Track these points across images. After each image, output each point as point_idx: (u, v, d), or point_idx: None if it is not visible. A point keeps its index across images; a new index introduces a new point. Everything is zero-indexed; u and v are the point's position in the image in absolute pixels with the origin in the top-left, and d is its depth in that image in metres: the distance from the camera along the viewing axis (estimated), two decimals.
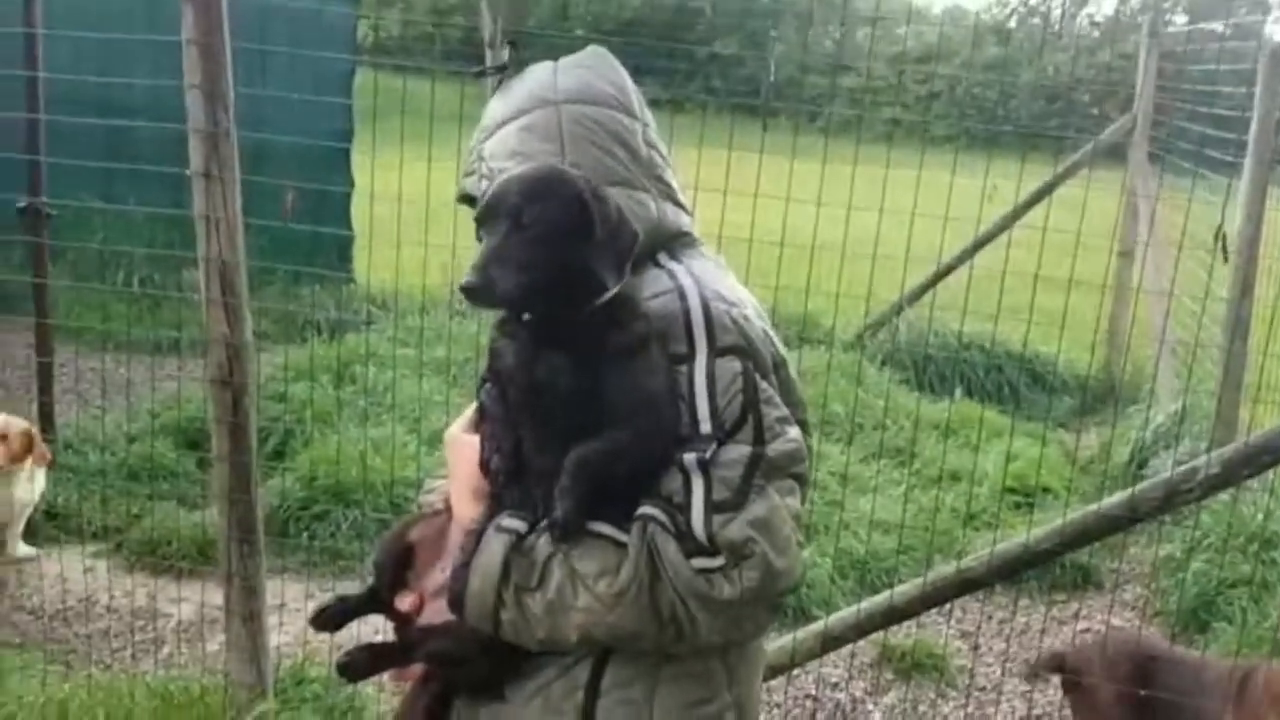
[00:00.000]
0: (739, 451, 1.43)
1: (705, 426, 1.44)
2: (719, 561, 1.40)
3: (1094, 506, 2.71)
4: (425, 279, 4.71)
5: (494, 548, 1.45)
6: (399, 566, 1.61)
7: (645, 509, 1.42)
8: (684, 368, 1.46)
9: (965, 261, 6.64)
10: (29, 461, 4.47)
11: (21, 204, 5.06)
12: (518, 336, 1.45)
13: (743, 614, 1.43)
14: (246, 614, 3.05)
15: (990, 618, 4.46)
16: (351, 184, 7.54)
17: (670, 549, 1.39)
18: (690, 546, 1.40)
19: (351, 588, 4.19)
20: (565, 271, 1.40)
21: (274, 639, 3.38)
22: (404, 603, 1.59)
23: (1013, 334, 6.77)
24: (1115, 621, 4.36)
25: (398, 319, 6.77)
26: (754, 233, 2.89)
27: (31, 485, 4.54)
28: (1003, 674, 4.04)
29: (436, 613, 1.56)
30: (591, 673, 1.49)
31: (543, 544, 1.44)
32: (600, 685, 1.49)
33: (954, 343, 6.72)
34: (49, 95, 4.94)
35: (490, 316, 1.54)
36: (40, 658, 3.61)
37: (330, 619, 1.63)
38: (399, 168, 3.13)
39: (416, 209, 3.34)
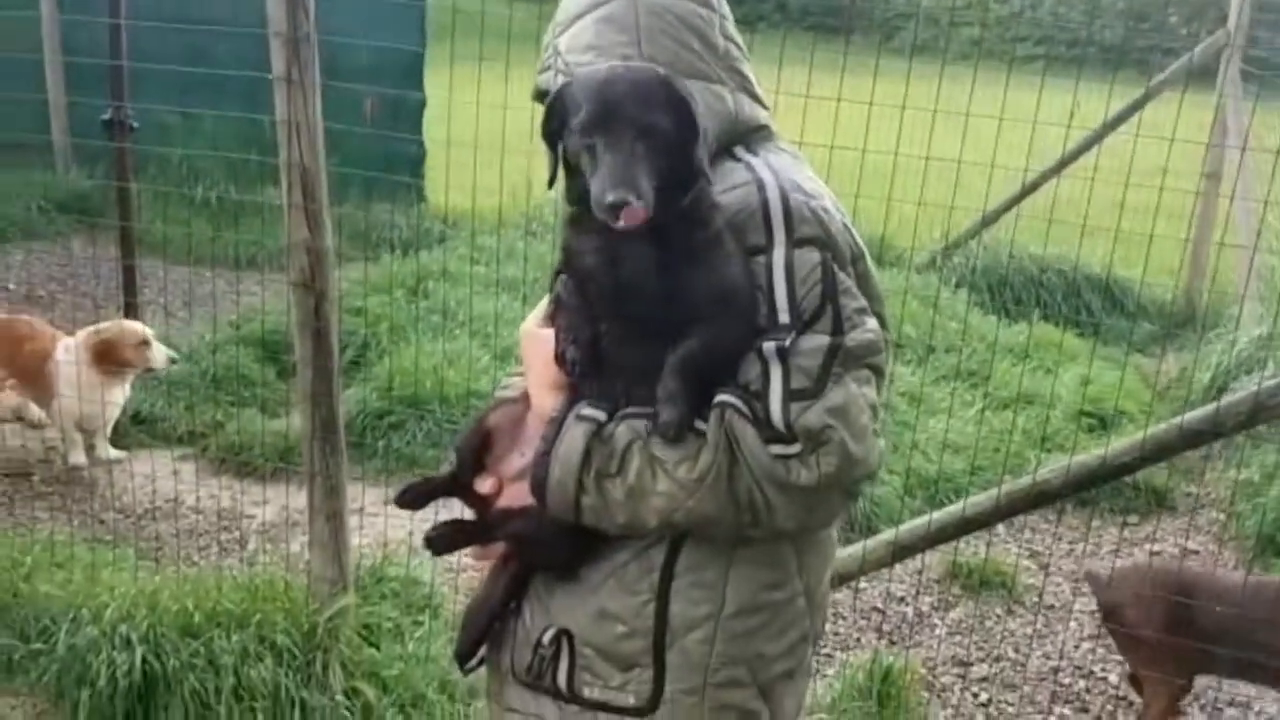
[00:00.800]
0: (817, 341, 1.43)
1: (783, 317, 1.44)
2: (796, 448, 1.41)
3: (1177, 420, 2.67)
4: (500, 200, 4.72)
5: (575, 435, 1.47)
6: (478, 452, 1.65)
7: (723, 396, 1.43)
8: (762, 258, 1.46)
9: (1046, 183, 6.51)
10: None
11: (106, 115, 5.16)
12: (599, 235, 1.44)
13: (818, 500, 1.44)
14: (329, 512, 3.13)
15: (1060, 538, 4.43)
16: (424, 96, 7.55)
17: (748, 435, 1.41)
18: (767, 434, 1.41)
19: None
20: (681, 175, 1.41)
21: (353, 540, 3.48)
22: (484, 486, 1.62)
23: (1091, 257, 6.63)
24: (1189, 545, 4.32)
25: (472, 238, 6.82)
26: (832, 154, 2.84)
27: (124, 389, 4.70)
28: (1072, 594, 4.03)
29: (515, 497, 1.60)
30: (666, 555, 1.52)
31: (622, 431, 1.46)
32: (675, 568, 1.52)
33: (1032, 266, 6.59)
34: (130, 8, 5.00)
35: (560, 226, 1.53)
36: (130, 553, 3.76)
37: (414, 498, 1.68)
38: (476, 86, 3.12)
39: (489, 130, 3.33)
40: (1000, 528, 4.38)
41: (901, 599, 3.98)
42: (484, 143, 3.39)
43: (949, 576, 4.10)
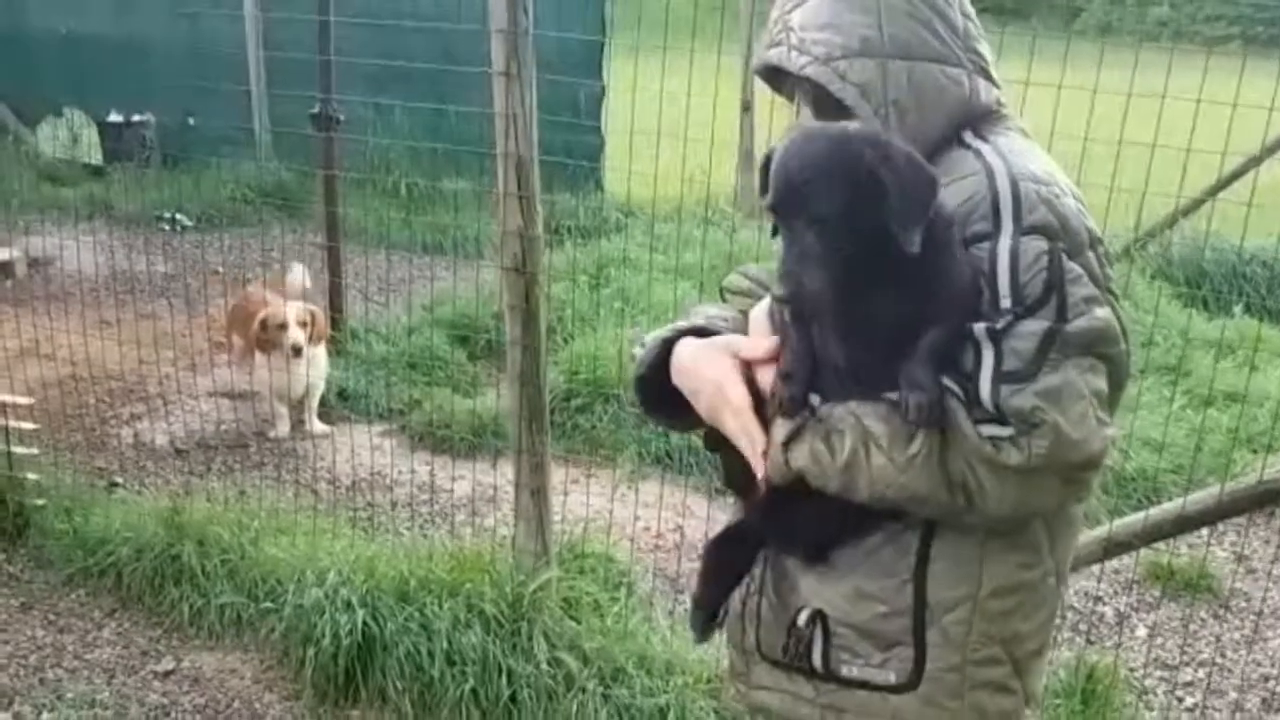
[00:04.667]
0: (1036, 325, 1.42)
1: (1005, 303, 1.43)
2: (1008, 430, 1.41)
3: None
4: (682, 189, 4.79)
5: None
6: None
7: None
8: (986, 244, 1.45)
9: (1247, 172, 6.19)
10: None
11: (314, 109, 5.46)
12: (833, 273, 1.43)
13: (1031, 483, 1.43)
14: (534, 488, 3.25)
15: (1268, 542, 4.24)
16: (604, 86, 7.69)
17: (959, 414, 1.42)
18: (979, 414, 1.41)
19: (616, 477, 4.35)
20: (867, 243, 1.40)
21: None
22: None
23: None
24: None
25: (651, 227, 6.92)
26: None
27: (318, 365, 4.97)
28: None
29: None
30: (921, 538, 1.53)
31: (838, 411, 1.48)
32: (930, 550, 1.53)
33: (1233, 257, 6.28)
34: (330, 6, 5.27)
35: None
36: (344, 521, 3.99)
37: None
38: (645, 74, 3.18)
39: (666, 119, 3.38)
40: (1204, 530, 4.22)
41: (1100, 599, 3.88)
42: (662, 131, 3.44)
43: (1150, 577, 3.97)
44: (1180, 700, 3.36)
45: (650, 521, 4.09)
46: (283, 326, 4.77)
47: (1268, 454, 4.37)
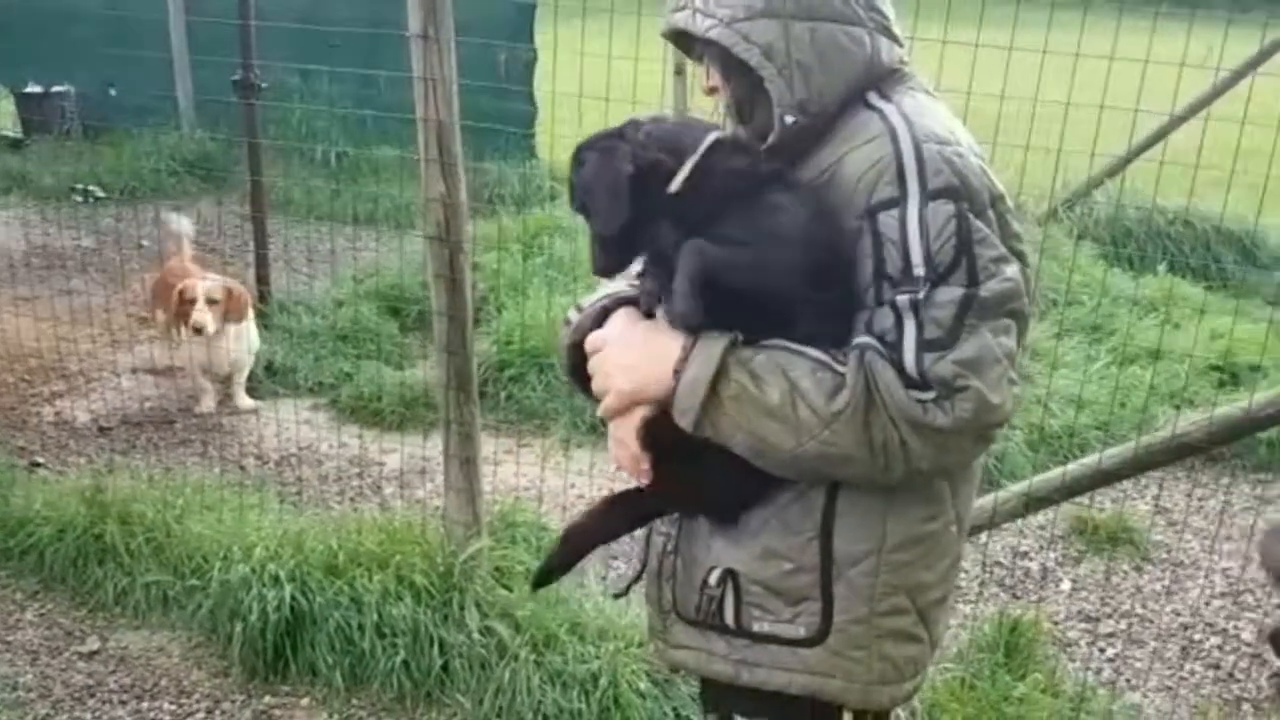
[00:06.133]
0: (952, 293, 1.44)
1: (919, 270, 1.44)
2: (932, 394, 1.43)
3: None
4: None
5: (713, 348, 1.49)
6: None
7: (862, 339, 1.46)
8: (895, 211, 1.46)
9: (1168, 134, 6.28)
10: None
11: (235, 76, 5.33)
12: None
13: (952, 442, 1.46)
14: (464, 458, 3.23)
15: (1189, 495, 4.34)
16: (535, 52, 7.60)
17: (888, 375, 1.43)
18: (904, 380, 1.43)
19: (546, 446, 4.33)
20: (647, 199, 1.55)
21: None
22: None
23: (1232, 208, 6.38)
24: None
25: None
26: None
27: (243, 340, 4.87)
28: (1203, 551, 3.95)
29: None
30: (827, 495, 1.55)
31: (761, 357, 1.48)
32: (836, 506, 1.55)
33: (1158, 217, 6.39)
34: None
35: None
36: (271, 496, 3.93)
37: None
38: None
39: (597, 83, 3.34)
40: (1127, 483, 4.31)
41: (1025, 554, 3.95)
42: (590, 96, 3.40)
43: (1074, 532, 4.05)
44: (1102, 651, 3.45)
45: (584, 489, 4.08)
46: (192, 302, 4.67)
47: (1182, 409, 4.47)
